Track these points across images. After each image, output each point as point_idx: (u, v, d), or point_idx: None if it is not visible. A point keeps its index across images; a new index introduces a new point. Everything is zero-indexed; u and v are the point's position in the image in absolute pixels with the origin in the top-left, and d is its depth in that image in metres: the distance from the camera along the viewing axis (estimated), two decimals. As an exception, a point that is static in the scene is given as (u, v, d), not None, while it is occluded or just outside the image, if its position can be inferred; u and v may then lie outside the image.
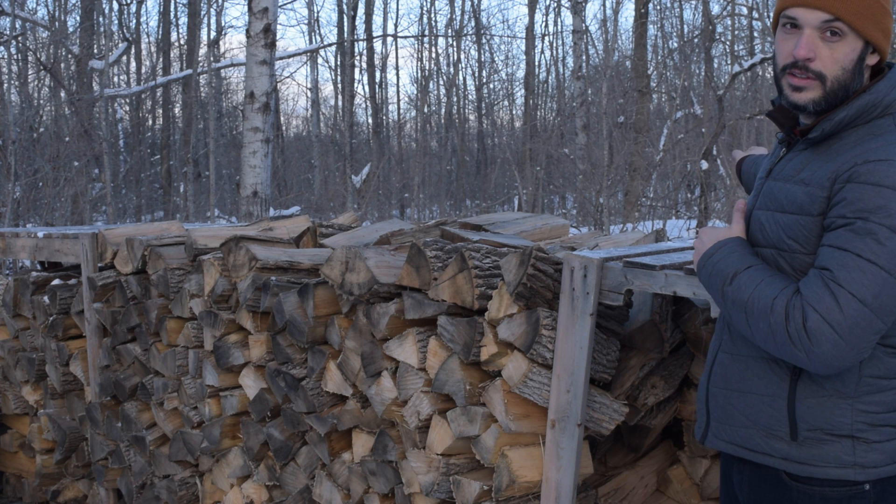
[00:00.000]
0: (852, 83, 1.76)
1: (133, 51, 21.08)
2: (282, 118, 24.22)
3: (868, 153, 1.69)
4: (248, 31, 7.84)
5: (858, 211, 1.65)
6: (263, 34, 7.74)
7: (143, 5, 26.54)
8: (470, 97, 24.89)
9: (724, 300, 1.80)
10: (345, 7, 20.11)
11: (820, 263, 1.70)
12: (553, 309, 2.69)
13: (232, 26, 37.04)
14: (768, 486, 1.86)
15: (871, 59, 1.79)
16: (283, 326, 3.40)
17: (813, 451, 1.78)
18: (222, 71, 20.24)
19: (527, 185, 14.84)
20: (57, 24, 17.90)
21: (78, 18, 18.00)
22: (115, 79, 20.37)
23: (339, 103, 22.47)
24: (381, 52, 23.82)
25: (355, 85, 21.93)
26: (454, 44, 21.40)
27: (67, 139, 12.50)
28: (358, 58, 22.18)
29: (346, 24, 20.00)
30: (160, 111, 20.67)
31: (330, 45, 21.35)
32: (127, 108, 20.30)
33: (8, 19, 14.22)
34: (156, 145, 20.27)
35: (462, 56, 23.30)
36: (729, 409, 1.90)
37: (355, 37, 19.81)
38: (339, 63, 22.19)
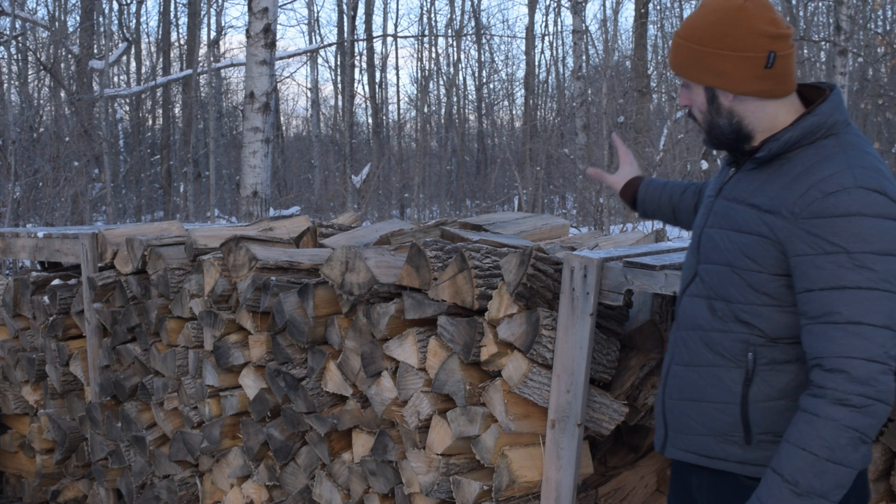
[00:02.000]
0: (716, 121, 1.91)
1: (133, 51, 21.08)
2: (282, 118, 24.21)
3: (823, 185, 1.73)
4: (248, 31, 7.84)
5: (837, 245, 1.69)
6: (263, 34, 7.74)
7: (143, 5, 26.56)
8: (470, 97, 24.90)
9: (827, 490, 1.69)
10: (345, 7, 20.12)
11: (820, 311, 1.71)
12: (553, 309, 2.69)
13: (232, 26, 37.03)
14: (728, 490, 1.89)
15: (726, 97, 1.88)
16: (283, 326, 3.40)
17: (767, 453, 1.82)
18: (222, 71, 20.24)
19: (527, 185, 14.84)
20: (57, 24, 17.90)
21: (78, 18, 18.00)
22: (115, 79, 20.37)
23: (339, 103, 22.48)
24: (381, 52, 23.84)
25: (355, 85, 21.94)
26: (454, 44, 21.41)
27: (67, 139, 12.50)
28: (358, 58, 22.19)
29: (346, 24, 20.01)
30: (160, 111, 20.67)
31: (330, 45, 21.35)
32: (127, 108, 20.30)
33: (8, 19, 14.22)
34: (156, 145, 20.27)
35: (462, 56, 23.31)
36: (685, 419, 1.95)
37: (355, 37, 19.81)
38: (339, 63, 22.19)
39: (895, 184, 1.75)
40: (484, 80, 24.52)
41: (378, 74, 22.85)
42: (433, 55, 27.83)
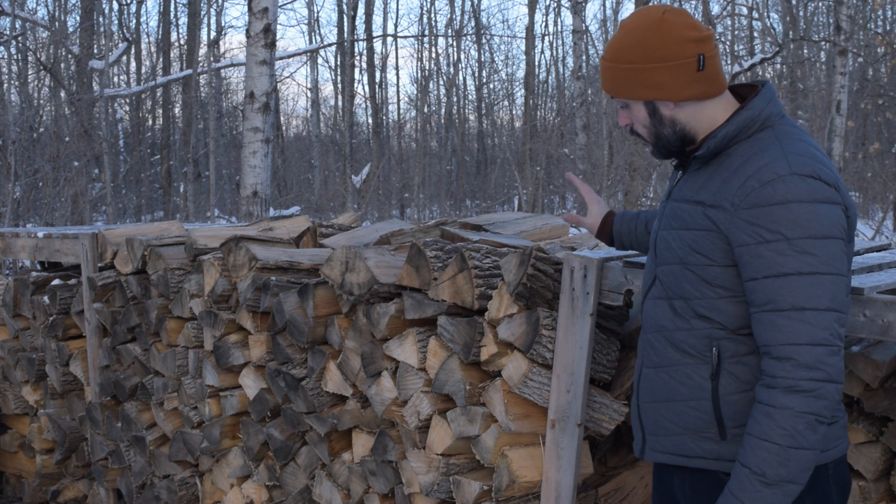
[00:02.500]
0: (660, 131, 1.95)
1: (133, 51, 21.08)
2: (282, 118, 24.22)
3: (760, 174, 1.77)
4: (248, 31, 7.84)
5: (775, 233, 1.72)
6: (263, 34, 7.74)
7: (143, 5, 26.55)
8: (470, 97, 24.91)
9: (794, 475, 1.73)
10: (345, 7, 20.12)
11: (764, 299, 1.75)
12: (553, 309, 2.69)
13: (232, 26, 37.07)
14: (708, 487, 1.91)
15: (666, 107, 1.91)
16: (283, 326, 3.40)
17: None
18: (222, 71, 20.24)
19: (527, 185, 14.84)
20: (57, 24, 17.90)
21: (78, 18, 18.00)
22: (115, 79, 20.37)
23: (339, 103, 22.49)
24: (381, 52, 23.85)
25: (355, 85, 21.94)
26: (454, 44, 21.41)
27: (67, 139, 12.50)
28: (358, 58, 22.19)
29: (346, 24, 20.01)
30: (160, 111, 20.67)
31: (330, 45, 21.36)
32: (127, 108, 20.29)
33: (8, 19, 14.22)
34: (156, 145, 20.27)
35: (462, 56, 23.33)
36: (660, 421, 1.97)
37: (355, 37, 19.81)
38: (339, 63, 22.20)
39: (831, 168, 1.79)
40: (484, 80, 24.55)
41: (378, 74, 22.87)
42: (433, 55, 27.86)
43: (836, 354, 1.72)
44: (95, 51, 17.64)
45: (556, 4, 22.70)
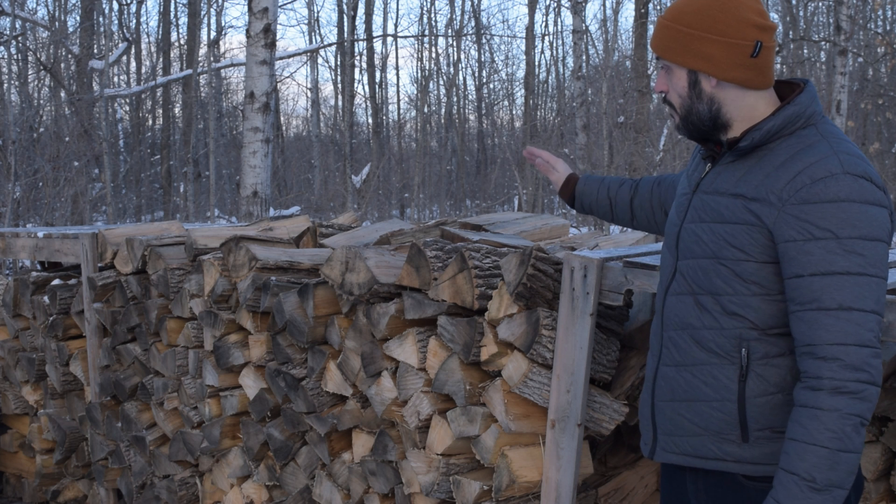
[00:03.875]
0: (696, 107, 1.91)
1: (133, 51, 21.08)
2: (282, 118, 24.22)
3: (811, 171, 1.74)
4: (248, 31, 7.84)
5: (825, 230, 1.70)
6: (263, 34, 7.74)
7: (143, 5, 26.56)
8: (470, 97, 24.91)
9: (842, 479, 1.70)
10: (345, 7, 20.12)
11: (809, 297, 1.72)
12: (553, 309, 2.69)
13: (232, 26, 37.03)
14: (725, 490, 1.88)
15: (709, 82, 1.88)
16: (283, 326, 3.40)
17: (765, 449, 1.82)
18: (222, 71, 20.24)
19: (527, 185, 14.84)
20: (57, 24, 17.90)
21: (78, 18, 18.00)
22: (115, 79, 20.38)
23: (339, 103, 22.49)
24: (381, 52, 23.84)
25: (355, 85, 21.94)
26: (454, 44, 21.41)
27: (67, 139, 12.50)
28: (358, 58, 22.19)
29: (346, 24, 20.01)
30: (160, 111, 20.67)
31: (330, 45, 21.35)
32: (127, 108, 20.30)
33: (8, 19, 14.22)
34: (156, 145, 20.27)
35: (462, 56, 23.32)
36: (678, 420, 1.93)
37: (355, 37, 19.81)
38: (339, 63, 22.20)
39: (875, 171, 1.78)
40: (484, 80, 24.54)
41: (378, 74, 22.86)
42: (433, 55, 27.85)
43: (878, 357, 1.70)
44: (95, 51, 17.64)
45: (556, 4, 22.70)
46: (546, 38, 23.83)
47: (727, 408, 1.84)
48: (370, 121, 22.40)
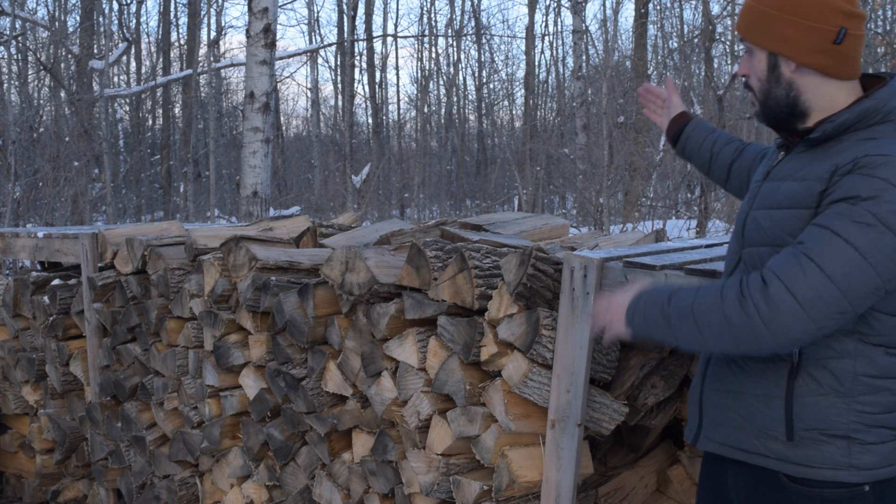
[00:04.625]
0: (774, 91, 1.87)
1: (133, 51, 21.08)
2: (282, 118, 24.22)
3: (869, 149, 1.71)
4: (248, 31, 7.84)
5: (849, 196, 1.67)
6: (263, 34, 7.74)
7: (143, 5, 26.56)
8: (470, 97, 24.91)
9: (669, 321, 1.80)
10: (345, 7, 20.11)
11: (798, 239, 1.71)
12: (553, 309, 2.68)
13: (232, 26, 37.04)
14: (766, 488, 1.85)
15: (789, 66, 1.84)
16: (283, 326, 3.40)
17: (809, 451, 1.78)
18: (222, 71, 20.24)
19: (527, 185, 14.83)
20: (57, 24, 17.90)
21: (78, 18, 18.01)
22: (115, 79, 20.37)
23: (339, 103, 22.49)
24: (381, 52, 23.84)
25: (355, 85, 21.94)
26: (454, 44, 21.40)
27: (67, 139, 12.50)
28: (358, 58, 22.19)
29: (346, 24, 20.00)
30: (160, 111, 20.68)
31: (330, 45, 21.35)
32: (127, 108, 20.30)
33: (8, 19, 14.22)
34: (156, 145, 20.28)
35: (462, 56, 23.32)
36: (724, 410, 1.90)
37: (355, 37, 19.81)
38: (339, 63, 22.20)
39: None
40: (484, 80, 24.54)
41: (378, 74, 22.86)
42: (433, 55, 27.85)
43: (799, 320, 1.65)
44: (95, 51, 17.64)
45: (556, 4, 22.70)
46: (546, 38, 23.82)
47: (774, 404, 1.81)
48: (370, 121, 22.41)
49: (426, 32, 22.16)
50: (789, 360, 1.79)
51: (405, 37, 22.85)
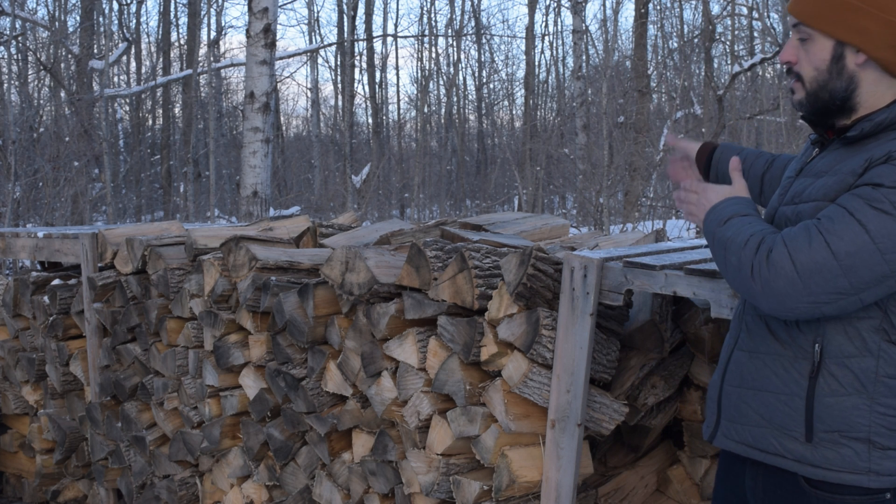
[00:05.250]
0: (832, 83, 1.79)
1: (133, 51, 21.08)
2: (282, 118, 24.22)
3: None
4: (248, 31, 7.85)
5: (873, 182, 1.65)
6: (263, 34, 7.74)
7: (143, 5, 26.56)
8: (470, 97, 24.92)
9: (714, 241, 1.80)
10: (345, 7, 20.11)
11: (817, 216, 1.71)
12: (553, 309, 2.68)
13: (232, 26, 37.08)
14: (785, 491, 1.81)
15: (856, 59, 1.78)
16: (283, 326, 3.40)
17: (828, 453, 1.74)
18: (222, 71, 20.24)
19: (527, 185, 14.83)
20: (57, 24, 17.90)
21: (78, 18, 18.01)
22: (115, 79, 20.37)
23: (339, 103, 22.49)
24: (381, 52, 23.84)
25: (355, 85, 21.94)
26: (454, 44, 21.41)
27: (67, 139, 12.49)
28: (358, 58, 22.19)
29: (346, 24, 20.01)
30: (160, 111, 20.68)
31: (330, 45, 21.36)
32: (127, 108, 20.30)
33: (8, 19, 14.22)
34: (156, 145, 20.28)
35: (462, 56, 23.32)
36: (742, 408, 1.86)
37: (355, 37, 19.81)
38: (339, 63, 22.20)
39: None
40: (484, 80, 24.54)
41: (378, 74, 22.86)
42: (433, 55, 27.84)
43: (793, 284, 1.65)
44: (95, 51, 17.64)
45: (556, 4, 22.70)
46: (546, 38, 23.83)
47: (794, 403, 1.77)
48: (370, 121, 22.41)
49: (426, 32, 22.17)
50: (810, 358, 1.76)
51: (405, 37, 22.89)
